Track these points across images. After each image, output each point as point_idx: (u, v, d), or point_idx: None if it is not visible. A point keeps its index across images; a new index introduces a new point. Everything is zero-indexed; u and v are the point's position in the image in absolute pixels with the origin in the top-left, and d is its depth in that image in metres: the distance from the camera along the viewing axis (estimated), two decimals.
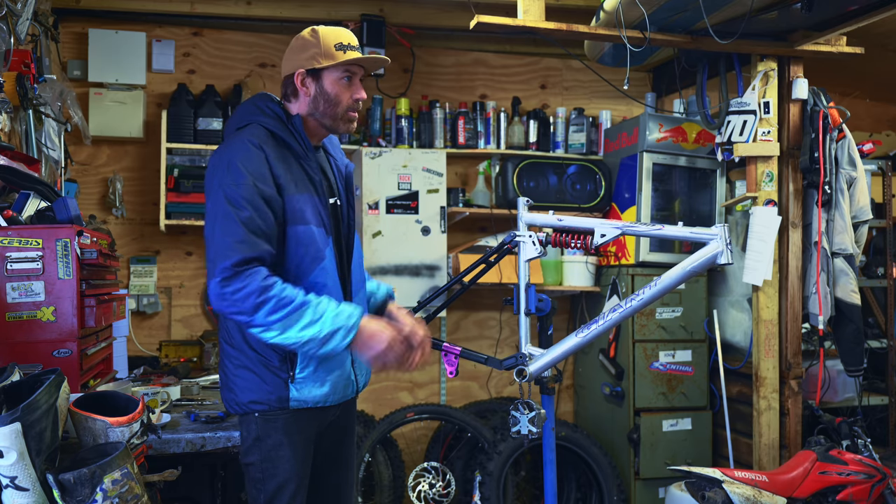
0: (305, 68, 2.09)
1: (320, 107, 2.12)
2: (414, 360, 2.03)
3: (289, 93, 2.14)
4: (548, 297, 2.57)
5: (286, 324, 1.90)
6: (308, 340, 1.91)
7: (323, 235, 2.07)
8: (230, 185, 1.95)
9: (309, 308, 1.91)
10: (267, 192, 1.97)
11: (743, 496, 2.94)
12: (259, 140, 2.03)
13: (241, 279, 1.89)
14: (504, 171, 4.31)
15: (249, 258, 1.90)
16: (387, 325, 2.00)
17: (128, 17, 4.10)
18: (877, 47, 3.91)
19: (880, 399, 4.22)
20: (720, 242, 2.27)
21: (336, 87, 2.11)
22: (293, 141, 2.09)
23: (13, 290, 2.15)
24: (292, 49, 2.14)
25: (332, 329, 1.91)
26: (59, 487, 1.55)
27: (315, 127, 2.16)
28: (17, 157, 2.60)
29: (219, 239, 1.93)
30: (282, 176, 2.01)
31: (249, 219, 1.93)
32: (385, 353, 1.97)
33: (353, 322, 1.93)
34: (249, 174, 1.96)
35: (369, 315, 2.03)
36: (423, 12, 4.26)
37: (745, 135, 3.67)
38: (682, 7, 3.11)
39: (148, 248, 4.19)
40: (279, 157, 2.04)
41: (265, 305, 1.88)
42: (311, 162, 2.10)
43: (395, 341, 1.98)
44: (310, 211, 2.05)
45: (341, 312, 1.94)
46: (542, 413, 2.41)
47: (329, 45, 2.09)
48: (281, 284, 1.91)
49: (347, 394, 2.17)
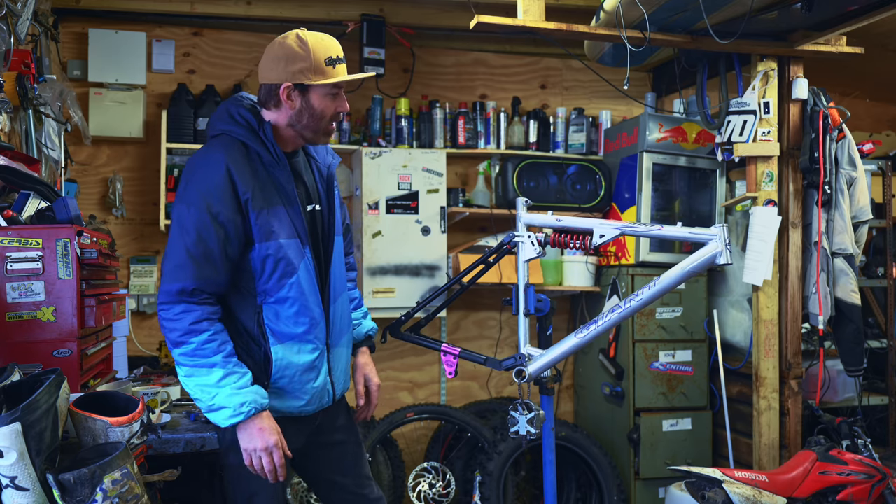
0: (293, 83, 2.03)
1: (303, 120, 2.07)
2: (265, 473, 1.99)
3: (270, 101, 2.08)
4: (547, 298, 2.57)
5: (191, 372, 1.93)
6: (198, 399, 1.95)
7: (297, 247, 2.05)
8: (184, 205, 1.97)
9: (215, 372, 1.92)
10: (222, 215, 1.95)
11: (743, 496, 2.94)
12: (226, 154, 1.99)
13: (177, 311, 1.93)
14: (504, 171, 4.31)
15: (190, 289, 1.93)
16: (278, 434, 1.96)
17: (128, 17, 4.10)
18: (877, 47, 3.91)
19: (880, 399, 4.22)
20: (719, 242, 2.27)
21: (323, 103, 2.07)
22: (263, 150, 2.05)
23: (13, 290, 2.15)
24: (277, 58, 2.05)
25: (221, 406, 1.92)
26: (59, 487, 1.55)
27: (292, 137, 2.12)
28: (17, 157, 2.60)
29: (168, 258, 1.97)
30: (248, 191, 1.98)
31: (194, 244, 1.94)
32: (256, 452, 1.95)
33: (244, 411, 1.91)
34: (204, 196, 1.95)
35: (269, 413, 1.98)
36: (423, 12, 4.26)
37: (745, 135, 3.67)
38: (682, 7, 3.11)
39: (148, 248, 4.19)
40: (247, 170, 2.00)
41: (184, 346, 1.93)
42: (283, 170, 2.06)
43: (270, 451, 1.95)
44: (280, 224, 2.02)
45: (240, 394, 1.92)
46: (541, 414, 2.41)
47: (319, 61, 2.03)
48: (209, 335, 1.93)
49: (324, 403, 2.17)
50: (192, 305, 1.94)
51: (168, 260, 1.97)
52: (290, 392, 2.08)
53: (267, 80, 2.08)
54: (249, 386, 1.95)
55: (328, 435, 2.26)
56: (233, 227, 1.97)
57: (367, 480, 2.34)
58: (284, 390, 2.07)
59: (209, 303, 1.97)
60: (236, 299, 2.06)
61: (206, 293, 1.96)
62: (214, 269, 1.96)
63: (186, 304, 1.93)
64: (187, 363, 1.93)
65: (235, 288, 2.05)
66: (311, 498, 3.92)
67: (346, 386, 2.28)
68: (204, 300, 1.96)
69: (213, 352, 1.92)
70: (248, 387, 1.94)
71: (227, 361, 1.93)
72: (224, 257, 1.97)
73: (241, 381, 1.94)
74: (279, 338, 2.05)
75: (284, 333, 2.05)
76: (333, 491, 2.30)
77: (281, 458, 1.96)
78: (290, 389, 2.08)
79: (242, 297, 2.05)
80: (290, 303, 2.03)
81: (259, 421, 1.94)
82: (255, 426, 1.94)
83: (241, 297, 2.06)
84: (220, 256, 1.96)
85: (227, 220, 1.96)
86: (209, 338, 1.93)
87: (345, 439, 2.30)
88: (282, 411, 2.08)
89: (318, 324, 2.10)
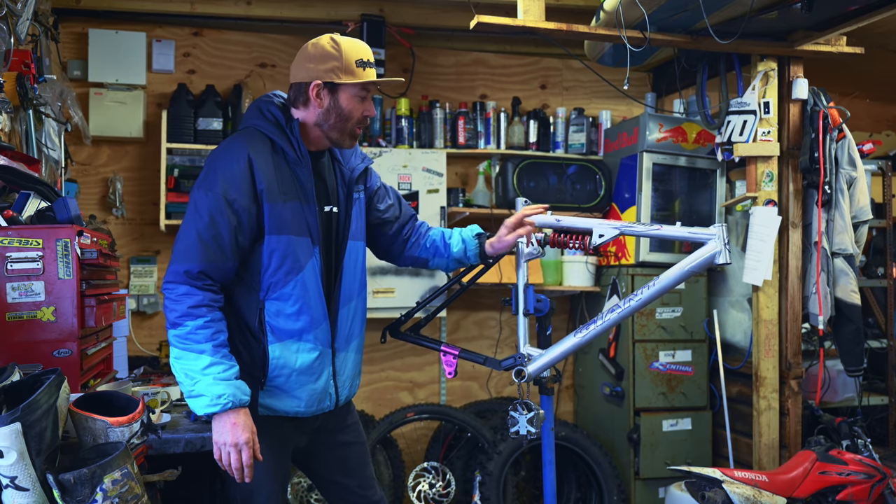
0: (323, 80, 2.06)
1: (331, 120, 2.10)
2: (232, 470, 1.98)
3: (299, 100, 2.11)
4: (546, 298, 2.57)
5: (180, 354, 1.95)
6: (181, 383, 1.96)
7: (307, 245, 2.06)
8: (202, 191, 1.99)
9: (202, 359, 1.92)
10: (238, 202, 1.97)
11: (743, 496, 2.95)
12: (249, 145, 2.02)
13: (180, 291, 1.94)
14: (504, 171, 4.31)
15: (195, 272, 1.94)
16: (251, 433, 1.95)
17: (128, 17, 4.10)
18: (877, 47, 3.91)
19: (880, 399, 4.22)
20: (718, 242, 2.27)
21: (351, 104, 2.09)
22: (288, 147, 2.07)
23: (13, 290, 2.15)
24: (310, 56, 2.08)
25: (201, 393, 1.92)
26: (59, 487, 1.55)
27: (318, 137, 2.14)
28: (17, 157, 2.60)
29: (179, 239, 1.99)
30: (266, 182, 2.00)
31: (206, 227, 1.96)
32: (226, 446, 1.94)
33: (221, 403, 1.91)
34: (222, 182, 1.98)
35: (247, 411, 1.97)
36: (423, 12, 4.26)
37: (745, 135, 3.67)
38: (682, 7, 3.11)
39: (148, 248, 4.19)
40: (269, 163, 2.02)
41: (179, 328, 1.94)
42: (304, 168, 2.08)
43: (239, 448, 1.93)
44: (293, 219, 2.04)
45: (220, 385, 1.91)
46: (541, 413, 2.41)
47: (350, 61, 2.07)
48: (205, 321, 1.93)
49: (324, 406, 2.16)
50: (194, 289, 1.95)
51: (179, 241, 1.99)
52: (287, 392, 2.08)
53: (297, 78, 2.11)
54: (232, 379, 1.94)
55: (334, 436, 2.26)
56: (246, 216, 1.99)
57: (372, 481, 2.34)
58: (280, 389, 2.07)
59: (212, 290, 1.98)
60: (241, 293, 2.07)
61: (210, 279, 1.97)
62: (223, 255, 1.97)
63: (189, 287, 1.95)
64: (179, 345, 1.95)
65: (241, 281, 2.06)
66: (311, 498, 3.92)
67: (352, 392, 2.27)
68: (207, 286, 1.97)
69: (206, 338, 1.93)
70: (231, 380, 1.94)
71: (217, 350, 1.94)
72: (234, 244, 1.98)
73: (226, 374, 1.93)
74: (278, 335, 2.05)
75: (283, 330, 2.05)
76: (338, 491, 2.30)
77: (250, 457, 1.95)
78: (286, 389, 2.07)
79: (247, 292, 2.06)
80: (293, 300, 2.04)
81: (234, 416, 1.93)
82: (230, 420, 1.93)
83: (245, 292, 2.06)
84: (230, 243, 1.98)
85: (242, 207, 1.98)
86: (205, 324, 1.94)
87: (351, 441, 2.30)
88: (276, 411, 2.09)
89: (320, 324, 2.09)
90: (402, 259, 2.44)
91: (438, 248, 2.40)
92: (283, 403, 2.09)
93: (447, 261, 2.42)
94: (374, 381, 4.45)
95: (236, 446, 1.93)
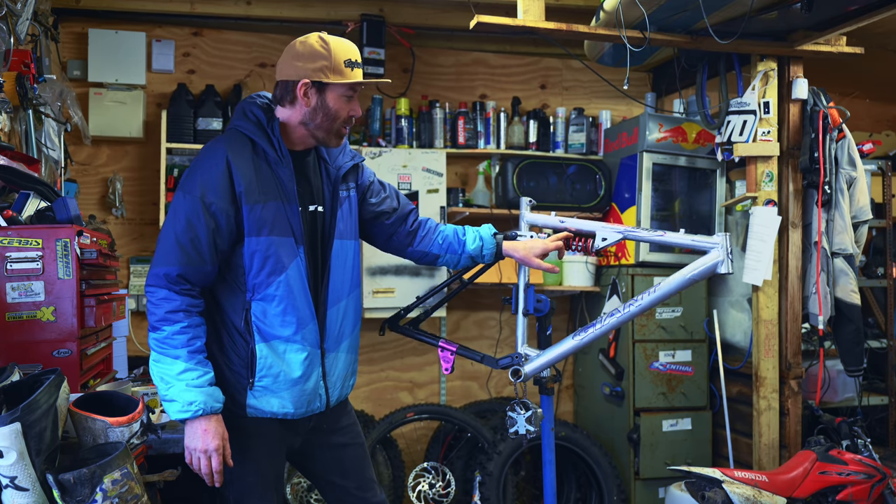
0: (312, 79, 2.06)
1: (317, 119, 2.09)
2: (202, 475, 2.01)
3: (285, 98, 2.10)
4: (546, 298, 2.57)
5: (158, 358, 1.98)
6: (157, 386, 2.00)
7: (290, 245, 2.05)
8: (180, 193, 2.01)
9: (177, 364, 1.95)
10: (215, 205, 1.98)
11: (743, 496, 2.95)
12: (228, 147, 2.03)
13: (160, 295, 1.97)
14: (504, 171, 4.31)
15: (174, 275, 1.96)
16: (222, 439, 1.97)
17: (127, 17, 4.10)
18: (877, 47, 3.91)
19: (880, 399, 4.22)
20: (721, 252, 2.26)
21: (338, 104, 2.09)
22: (269, 147, 2.06)
23: (13, 290, 2.15)
24: (298, 55, 2.08)
25: (173, 398, 1.95)
26: (58, 487, 1.55)
27: (304, 136, 2.13)
28: (17, 157, 2.61)
29: (159, 242, 2.02)
30: (245, 184, 2.00)
31: (183, 230, 1.97)
32: (196, 452, 1.97)
33: (192, 409, 1.93)
34: (201, 185, 1.99)
35: (219, 417, 1.99)
36: (423, 12, 4.26)
37: (745, 135, 3.67)
38: (682, 7, 3.11)
39: (148, 248, 4.19)
40: (249, 164, 2.02)
41: (157, 332, 1.97)
42: (286, 168, 2.07)
43: (209, 454, 1.96)
44: (275, 220, 2.03)
45: (192, 392, 1.93)
46: (539, 412, 2.42)
47: (339, 61, 2.06)
48: (181, 327, 1.96)
49: (314, 408, 2.15)
50: (172, 294, 1.97)
51: (158, 244, 2.02)
52: (274, 392, 2.07)
53: (285, 76, 2.10)
54: (205, 386, 1.96)
55: (328, 437, 2.25)
56: (224, 219, 1.99)
57: (371, 483, 2.33)
58: (268, 390, 2.07)
59: (191, 294, 1.99)
60: (226, 294, 2.07)
61: (189, 283, 1.99)
62: (201, 259, 1.98)
63: (168, 291, 1.97)
64: (156, 349, 1.98)
65: (225, 282, 2.06)
66: (311, 498, 3.92)
67: (345, 392, 2.26)
68: (185, 290, 1.98)
69: (181, 344, 1.95)
70: (204, 387, 1.95)
71: (192, 356, 1.95)
72: (212, 248, 1.99)
73: (198, 380, 1.95)
74: (265, 336, 2.05)
75: (270, 333, 2.05)
76: (335, 492, 2.30)
77: (219, 463, 1.98)
78: (274, 389, 2.07)
79: (232, 293, 2.06)
80: (278, 301, 2.03)
81: (206, 422, 1.95)
82: (200, 427, 1.95)
83: (230, 292, 2.06)
84: (208, 247, 1.99)
85: (220, 210, 1.98)
86: (181, 329, 1.96)
87: (347, 442, 2.29)
88: (265, 412, 2.08)
89: (307, 325, 2.08)
90: (410, 253, 2.44)
91: (451, 245, 2.41)
92: (271, 405, 2.08)
93: (460, 257, 2.43)
94: (373, 381, 4.45)
95: (206, 452, 1.96)
